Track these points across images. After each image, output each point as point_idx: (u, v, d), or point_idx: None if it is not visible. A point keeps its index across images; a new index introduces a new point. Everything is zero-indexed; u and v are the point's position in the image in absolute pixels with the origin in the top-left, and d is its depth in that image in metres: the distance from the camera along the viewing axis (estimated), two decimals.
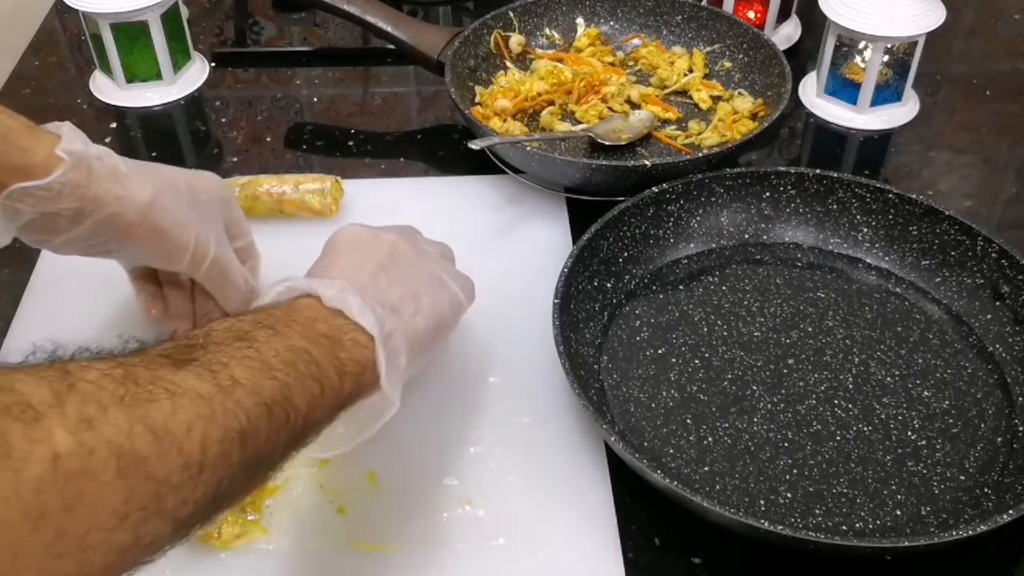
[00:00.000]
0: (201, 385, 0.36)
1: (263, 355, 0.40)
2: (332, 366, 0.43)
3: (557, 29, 0.87)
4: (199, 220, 0.55)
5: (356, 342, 0.45)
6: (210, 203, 0.57)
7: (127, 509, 0.32)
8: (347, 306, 0.45)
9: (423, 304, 0.51)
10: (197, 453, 0.35)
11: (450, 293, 0.54)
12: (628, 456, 0.52)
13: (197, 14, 0.96)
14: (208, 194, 0.57)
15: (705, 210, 0.70)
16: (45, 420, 0.31)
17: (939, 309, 0.65)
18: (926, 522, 0.53)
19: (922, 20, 0.78)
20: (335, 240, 0.53)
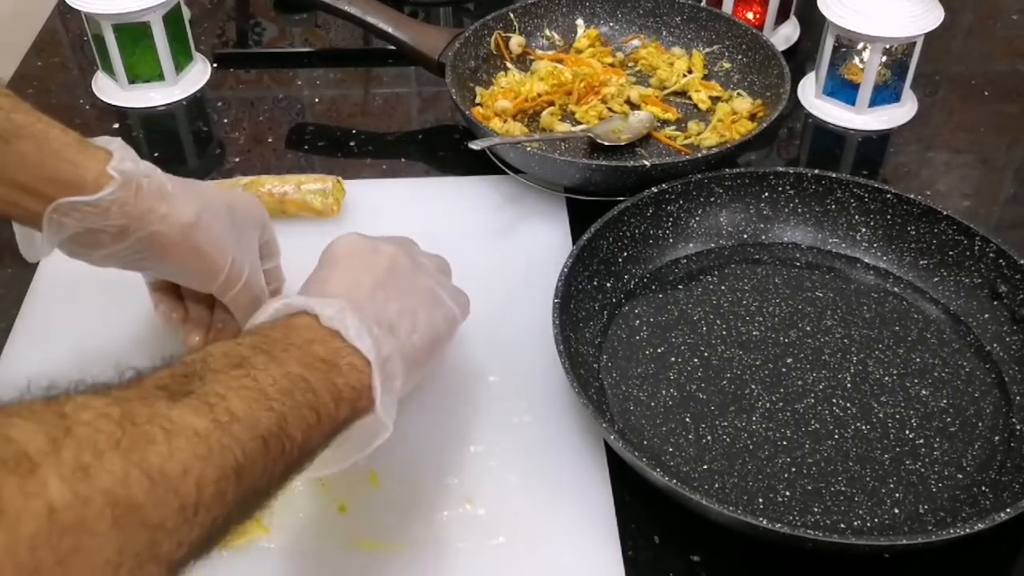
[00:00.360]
0: (198, 422, 0.36)
1: (260, 384, 0.40)
2: (328, 392, 0.42)
3: (557, 30, 0.87)
4: (236, 243, 0.56)
5: (353, 367, 0.44)
6: (248, 226, 0.57)
7: (121, 559, 0.31)
8: (345, 327, 0.45)
9: (420, 321, 0.51)
10: (193, 494, 0.34)
11: (446, 309, 0.54)
12: (628, 454, 0.52)
13: (199, 15, 0.96)
14: (247, 216, 0.57)
15: (704, 210, 0.70)
16: (40, 471, 0.30)
17: (937, 308, 0.66)
18: (924, 520, 0.53)
19: (920, 21, 0.78)
20: (333, 250, 0.52)
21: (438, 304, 0.53)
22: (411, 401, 0.60)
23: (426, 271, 0.54)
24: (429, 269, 0.55)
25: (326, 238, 0.73)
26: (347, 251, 0.52)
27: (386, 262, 0.52)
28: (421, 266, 0.54)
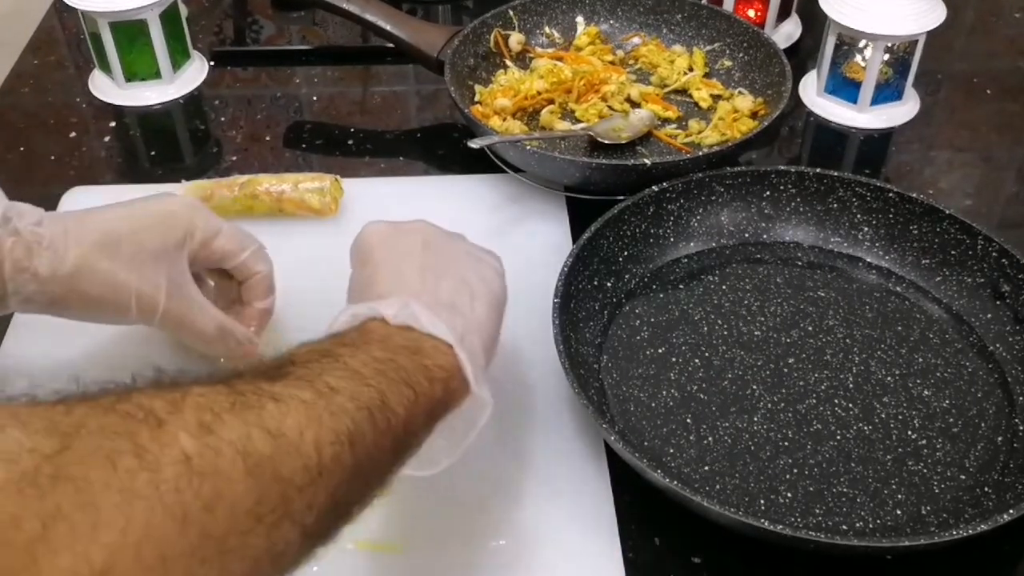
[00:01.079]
0: (302, 393, 0.36)
1: (351, 366, 0.40)
2: (420, 371, 0.43)
3: (557, 28, 0.87)
4: (141, 274, 0.52)
5: (437, 349, 0.44)
6: (159, 249, 0.53)
7: (260, 511, 0.32)
8: (415, 319, 0.45)
9: (475, 289, 0.50)
10: (313, 455, 0.35)
11: (490, 265, 0.53)
12: (628, 456, 0.52)
13: (196, 13, 0.96)
14: (159, 238, 0.53)
15: (705, 209, 0.70)
16: (168, 425, 0.31)
17: (939, 308, 0.65)
18: (926, 521, 0.53)
19: (922, 19, 0.78)
20: (363, 246, 0.51)
21: (481, 263, 0.53)
22: None
23: (457, 237, 0.54)
24: (456, 236, 0.55)
25: (324, 237, 0.73)
26: (378, 242, 0.51)
27: (419, 240, 0.51)
28: (447, 234, 0.54)
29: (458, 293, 0.49)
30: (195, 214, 0.55)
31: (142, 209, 0.55)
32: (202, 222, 0.55)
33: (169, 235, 0.54)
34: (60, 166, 0.79)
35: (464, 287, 0.50)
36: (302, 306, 0.63)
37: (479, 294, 0.50)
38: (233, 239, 0.57)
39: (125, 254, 0.52)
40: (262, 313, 0.59)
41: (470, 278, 0.51)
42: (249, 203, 0.71)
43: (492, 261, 0.54)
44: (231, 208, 0.71)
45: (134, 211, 0.54)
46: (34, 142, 0.81)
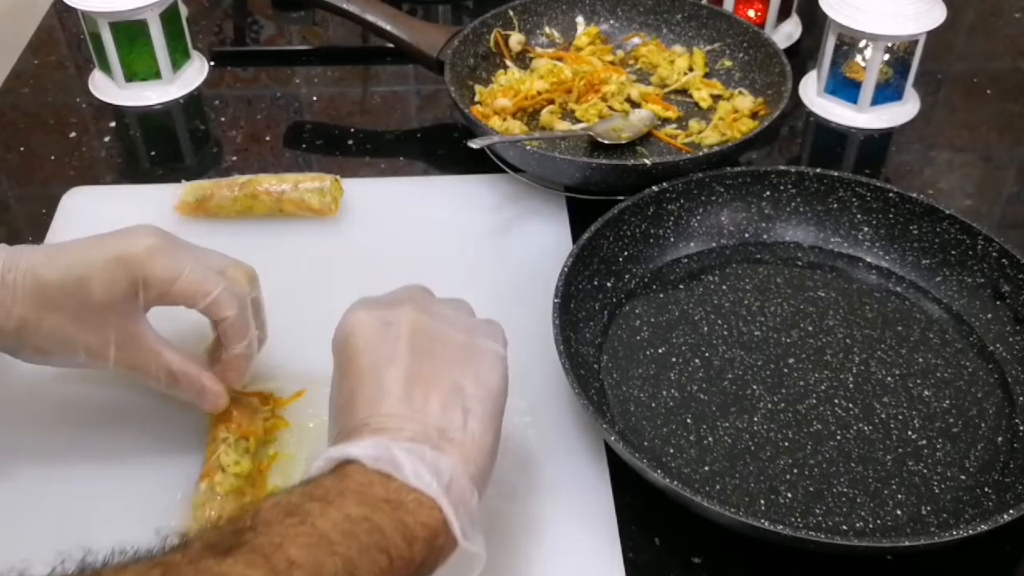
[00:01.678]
0: (255, 572, 0.33)
1: (320, 528, 0.36)
2: (398, 532, 0.39)
3: (557, 28, 0.87)
4: (87, 327, 0.51)
5: (420, 503, 0.40)
6: (107, 302, 0.51)
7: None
8: (397, 468, 0.41)
9: (471, 399, 0.45)
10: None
11: (488, 356, 0.48)
12: (628, 456, 0.52)
13: (196, 13, 0.96)
14: (106, 290, 0.51)
15: (705, 209, 0.70)
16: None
17: (939, 308, 0.65)
18: (927, 522, 0.53)
19: (923, 19, 0.78)
20: (345, 346, 0.47)
21: (478, 357, 0.47)
22: None
23: (450, 322, 0.48)
24: (452, 318, 0.49)
25: (324, 237, 0.73)
26: (361, 344, 0.46)
27: (405, 335, 0.46)
28: (443, 318, 0.48)
29: (449, 410, 0.44)
30: (151, 260, 0.51)
31: (97, 253, 0.51)
32: (159, 268, 0.51)
33: (116, 287, 0.51)
34: (60, 166, 0.79)
35: (456, 399, 0.45)
36: (302, 306, 0.63)
37: (474, 404, 0.45)
38: (193, 284, 0.52)
39: (70, 308, 0.51)
40: (238, 359, 0.54)
41: (464, 383, 0.46)
42: (249, 203, 0.71)
43: (492, 346, 0.49)
44: (231, 208, 0.71)
45: (88, 256, 0.51)
46: (34, 142, 0.81)
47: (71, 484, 0.56)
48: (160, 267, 0.51)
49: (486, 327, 0.50)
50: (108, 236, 0.53)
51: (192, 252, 0.54)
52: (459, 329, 0.48)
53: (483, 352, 0.48)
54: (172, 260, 0.52)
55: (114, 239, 0.52)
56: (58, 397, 0.60)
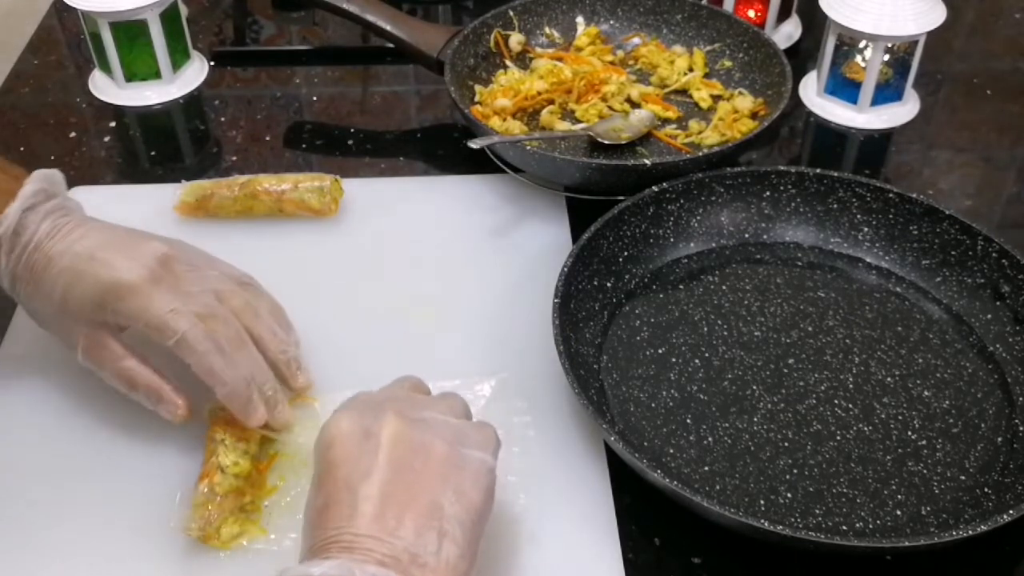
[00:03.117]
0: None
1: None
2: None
3: (557, 28, 0.87)
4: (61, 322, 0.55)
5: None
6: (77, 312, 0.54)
7: None
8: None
9: (448, 519, 0.43)
10: None
11: (473, 468, 0.46)
12: (628, 456, 0.52)
13: (196, 13, 0.96)
14: (79, 304, 0.54)
15: (705, 209, 0.70)
16: None
17: (939, 309, 0.65)
18: (926, 522, 0.53)
19: (923, 19, 0.78)
20: (326, 455, 0.45)
21: (463, 469, 0.45)
22: None
23: (435, 430, 0.46)
24: (438, 424, 0.47)
25: (324, 237, 0.73)
26: (341, 453, 0.44)
27: (385, 448, 0.44)
28: (428, 426, 0.46)
29: (424, 533, 0.42)
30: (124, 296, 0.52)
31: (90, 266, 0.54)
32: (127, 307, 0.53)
33: (86, 307, 0.53)
34: (60, 166, 0.78)
35: (433, 520, 0.43)
36: (302, 306, 0.63)
37: (452, 525, 0.43)
38: (155, 331, 0.53)
39: (54, 303, 0.55)
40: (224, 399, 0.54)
41: (443, 501, 0.44)
42: (249, 203, 0.71)
43: (478, 456, 0.46)
44: (231, 208, 0.71)
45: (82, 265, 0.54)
46: (34, 142, 0.81)
47: (70, 485, 0.56)
48: (125, 306, 0.53)
49: (476, 432, 0.48)
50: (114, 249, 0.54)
51: (170, 288, 0.54)
52: (444, 438, 0.46)
53: (468, 464, 0.46)
54: (139, 300, 0.53)
55: (111, 257, 0.54)
56: (57, 398, 0.60)
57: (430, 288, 0.67)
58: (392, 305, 0.66)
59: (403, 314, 0.65)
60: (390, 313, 0.66)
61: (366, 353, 0.62)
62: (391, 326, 0.65)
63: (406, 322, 0.65)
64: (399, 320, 0.65)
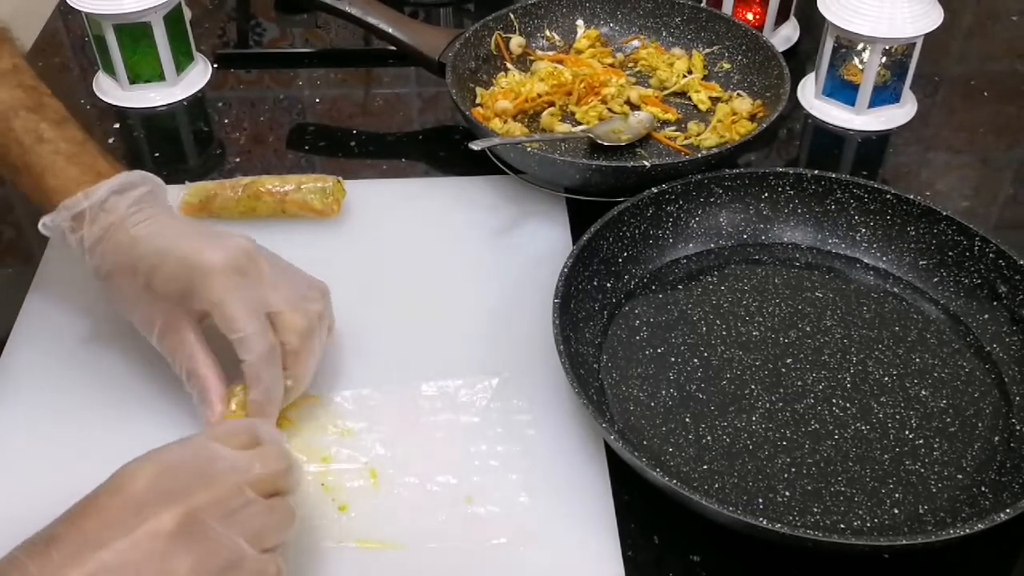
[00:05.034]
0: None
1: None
2: None
3: (557, 31, 0.87)
4: (143, 303, 0.56)
5: None
6: (162, 293, 0.55)
7: None
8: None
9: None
10: None
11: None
12: (627, 455, 0.52)
13: (200, 15, 0.97)
14: (164, 284, 0.54)
15: (704, 210, 0.70)
16: None
17: (937, 309, 0.66)
18: (924, 521, 0.54)
19: (920, 22, 0.78)
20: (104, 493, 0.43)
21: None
22: (411, 399, 0.60)
23: (210, 548, 0.42)
24: (220, 544, 0.42)
25: (326, 238, 0.73)
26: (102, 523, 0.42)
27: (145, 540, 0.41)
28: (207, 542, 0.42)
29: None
30: (206, 278, 0.53)
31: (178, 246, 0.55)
32: (207, 289, 0.53)
33: (172, 286, 0.55)
34: None
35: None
36: None
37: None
38: (226, 318, 0.53)
39: (139, 282, 0.55)
40: (252, 404, 0.54)
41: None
42: (252, 204, 0.71)
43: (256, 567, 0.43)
44: (234, 209, 0.71)
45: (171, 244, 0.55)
46: None
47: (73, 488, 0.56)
48: (207, 288, 0.54)
49: (255, 564, 0.43)
50: (206, 236, 0.56)
51: (253, 284, 0.55)
52: (222, 536, 0.42)
53: (239, 566, 0.43)
54: (221, 286, 0.54)
55: (202, 242, 0.55)
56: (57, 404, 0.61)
57: (431, 288, 0.68)
58: (393, 305, 0.66)
59: (404, 314, 0.66)
60: (391, 313, 0.66)
61: (367, 353, 0.63)
62: (392, 326, 0.65)
63: (407, 322, 0.65)
64: (400, 320, 0.65)
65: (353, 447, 0.58)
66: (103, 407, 0.60)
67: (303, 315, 0.56)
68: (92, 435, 0.58)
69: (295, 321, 0.56)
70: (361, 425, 0.59)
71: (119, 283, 0.57)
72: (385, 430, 0.59)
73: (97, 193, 0.56)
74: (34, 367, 0.62)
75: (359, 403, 0.60)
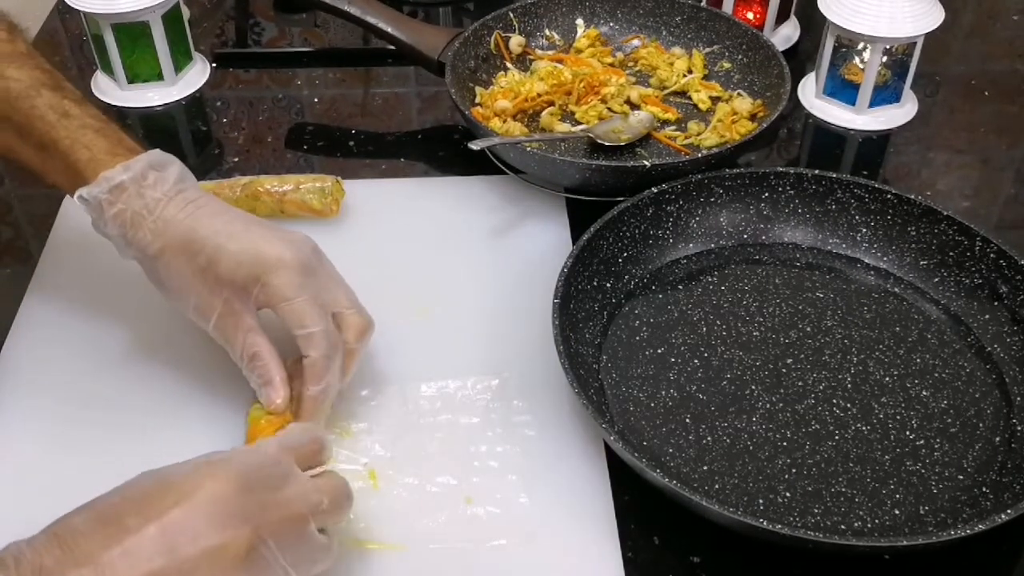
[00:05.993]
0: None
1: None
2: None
3: (557, 30, 0.87)
4: (202, 288, 0.55)
5: None
6: (225, 279, 0.54)
7: None
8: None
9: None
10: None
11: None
12: (627, 455, 0.52)
13: (198, 15, 0.96)
14: (230, 270, 0.54)
15: (704, 210, 0.70)
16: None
17: (937, 309, 0.66)
18: (924, 521, 0.53)
19: (921, 21, 0.78)
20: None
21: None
22: (410, 399, 0.60)
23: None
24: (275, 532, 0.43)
25: (325, 238, 0.73)
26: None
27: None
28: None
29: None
30: (277, 271, 0.53)
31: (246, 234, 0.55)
32: (277, 282, 0.53)
33: (239, 272, 0.54)
34: None
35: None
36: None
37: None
38: (296, 312, 0.54)
39: (199, 264, 0.54)
40: (310, 400, 0.54)
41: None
42: (251, 204, 0.71)
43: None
44: None
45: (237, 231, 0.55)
46: None
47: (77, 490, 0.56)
48: (279, 282, 0.54)
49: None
50: (270, 228, 0.56)
51: (320, 283, 0.55)
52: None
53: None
54: (293, 282, 0.54)
55: (269, 234, 0.55)
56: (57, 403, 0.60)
57: (430, 288, 0.68)
58: (393, 305, 0.66)
59: (404, 314, 0.66)
60: (391, 314, 0.66)
61: (366, 353, 0.63)
62: (392, 326, 0.65)
63: (407, 322, 0.65)
64: (400, 320, 0.65)
65: (352, 448, 0.57)
66: (101, 407, 0.60)
67: (364, 316, 0.57)
68: (90, 435, 0.58)
69: (357, 322, 0.57)
70: (360, 426, 0.59)
71: (171, 263, 0.55)
72: (385, 431, 0.58)
73: (137, 166, 0.55)
74: (32, 367, 0.62)
75: (358, 404, 0.60)
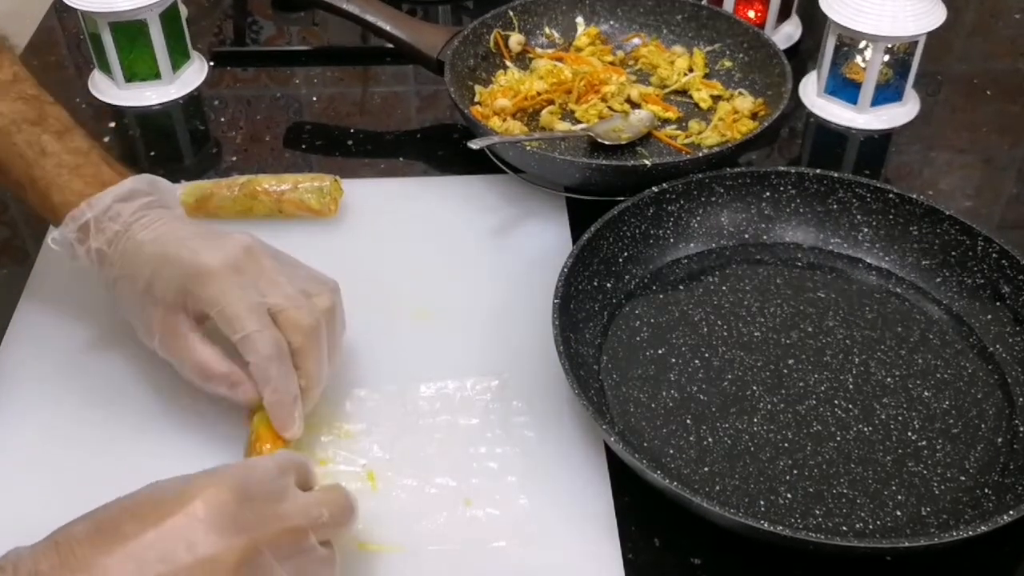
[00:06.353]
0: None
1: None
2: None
3: (557, 28, 0.87)
4: (142, 309, 0.55)
5: None
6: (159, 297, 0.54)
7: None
8: None
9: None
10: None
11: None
12: (628, 456, 0.52)
13: (196, 13, 0.96)
14: (161, 288, 0.54)
15: (705, 210, 0.70)
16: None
17: (939, 309, 0.65)
18: (926, 522, 0.53)
19: (923, 20, 0.78)
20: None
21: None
22: (410, 399, 0.60)
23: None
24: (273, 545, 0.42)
25: (324, 238, 0.73)
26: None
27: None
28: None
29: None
30: (202, 281, 0.52)
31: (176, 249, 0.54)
32: (204, 293, 0.52)
33: (168, 290, 0.53)
34: None
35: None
36: None
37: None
38: (225, 321, 0.52)
39: (139, 286, 0.55)
40: (271, 407, 0.53)
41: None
42: (248, 203, 0.71)
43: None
44: (231, 209, 0.71)
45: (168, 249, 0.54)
46: None
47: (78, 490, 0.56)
48: (205, 290, 0.53)
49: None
50: (206, 236, 0.55)
51: (253, 282, 0.53)
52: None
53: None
54: (219, 287, 0.52)
55: (200, 243, 0.54)
56: (58, 402, 0.60)
57: (430, 288, 0.67)
58: (392, 306, 0.66)
59: (402, 314, 0.65)
60: (390, 314, 0.66)
61: (364, 354, 0.62)
62: (391, 327, 0.65)
63: (406, 323, 0.65)
64: (399, 321, 0.65)
65: (351, 449, 0.57)
66: (99, 409, 0.59)
67: (307, 312, 0.54)
68: (88, 436, 0.58)
69: (298, 318, 0.53)
70: (359, 427, 0.58)
71: (121, 292, 0.56)
72: (383, 432, 0.58)
73: (102, 202, 0.55)
74: (29, 368, 0.62)
75: (357, 405, 0.60)
